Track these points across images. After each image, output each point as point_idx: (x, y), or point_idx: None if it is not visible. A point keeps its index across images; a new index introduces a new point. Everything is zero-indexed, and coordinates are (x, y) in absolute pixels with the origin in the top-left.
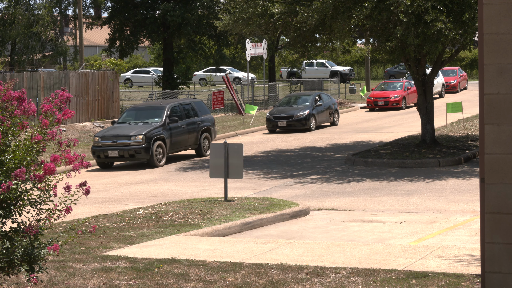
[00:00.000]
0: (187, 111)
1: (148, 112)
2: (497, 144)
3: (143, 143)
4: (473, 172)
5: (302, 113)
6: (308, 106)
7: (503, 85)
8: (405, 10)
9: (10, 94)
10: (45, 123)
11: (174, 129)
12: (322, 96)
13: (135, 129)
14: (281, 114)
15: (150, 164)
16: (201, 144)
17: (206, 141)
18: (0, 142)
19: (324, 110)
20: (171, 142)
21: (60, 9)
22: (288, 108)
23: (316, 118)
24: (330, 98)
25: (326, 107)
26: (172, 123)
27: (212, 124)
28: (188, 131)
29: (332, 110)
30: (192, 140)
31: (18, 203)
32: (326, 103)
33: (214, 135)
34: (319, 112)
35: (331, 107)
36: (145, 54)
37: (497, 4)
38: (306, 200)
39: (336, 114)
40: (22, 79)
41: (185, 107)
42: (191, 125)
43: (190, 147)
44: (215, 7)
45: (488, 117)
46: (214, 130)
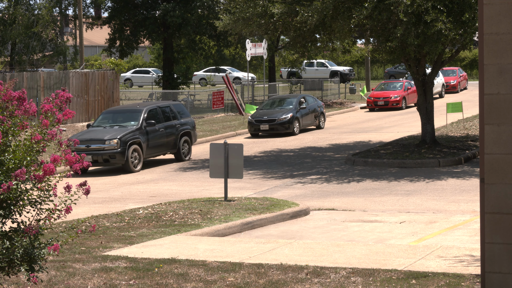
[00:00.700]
0: (166, 114)
1: (124, 115)
2: (497, 144)
3: (118, 148)
4: (473, 172)
5: (285, 116)
6: (292, 109)
7: (503, 85)
8: (405, 10)
9: (11, 94)
10: (46, 123)
11: (151, 132)
12: (307, 98)
13: (110, 133)
14: (263, 117)
15: (125, 170)
16: (180, 148)
17: (185, 145)
18: (0, 142)
19: (309, 113)
20: (148, 146)
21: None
22: (271, 111)
23: (300, 121)
24: (316, 100)
25: (311, 110)
26: (149, 126)
27: (192, 128)
28: (166, 134)
29: (318, 113)
30: (170, 144)
31: (18, 203)
32: (311, 105)
33: (194, 139)
34: (304, 115)
35: (317, 110)
36: (145, 54)
37: (497, 4)
38: (306, 200)
39: (322, 117)
40: (22, 79)
41: (163, 109)
42: (169, 128)
43: (169, 151)
44: (215, 7)
45: (488, 117)
46: (195, 133)
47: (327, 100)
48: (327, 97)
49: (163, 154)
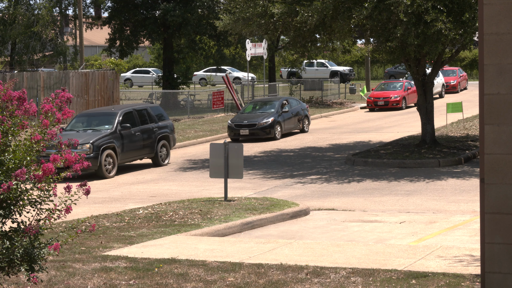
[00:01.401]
0: (143, 117)
1: (99, 118)
2: (497, 144)
3: (91, 153)
4: (473, 172)
5: (266, 120)
6: (273, 112)
7: (503, 85)
8: (405, 10)
9: (11, 94)
10: (46, 123)
11: (127, 137)
12: (290, 101)
13: (82, 137)
14: (243, 121)
15: (98, 176)
16: (158, 153)
17: (164, 149)
18: (0, 142)
19: (291, 116)
20: (123, 151)
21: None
22: (252, 115)
23: (282, 126)
24: (300, 103)
25: (294, 113)
26: (124, 130)
27: (171, 131)
28: (143, 138)
29: (302, 116)
30: (147, 149)
31: (18, 203)
32: (295, 108)
33: (173, 142)
34: (286, 119)
35: (300, 113)
36: (145, 54)
37: (497, 4)
38: (306, 200)
39: (306, 120)
40: (22, 79)
41: (140, 112)
42: (146, 132)
43: (146, 156)
44: (215, 7)
45: (488, 117)
46: (174, 137)
47: (327, 100)
48: (327, 97)
49: (140, 159)
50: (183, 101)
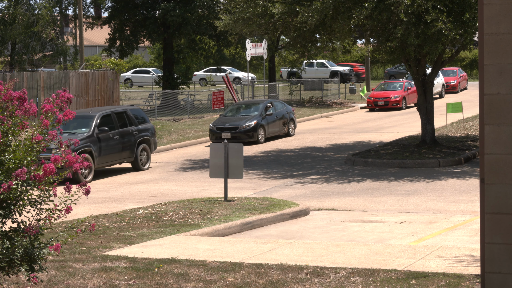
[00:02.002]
0: (122, 120)
1: (76, 121)
2: (497, 144)
3: None
4: (473, 172)
5: (248, 123)
6: (257, 115)
7: (503, 85)
8: (406, 10)
9: (11, 94)
10: (46, 123)
11: (105, 140)
12: (275, 104)
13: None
14: (225, 125)
15: (74, 181)
16: (137, 157)
17: (144, 153)
18: (0, 142)
19: (276, 119)
20: (100, 155)
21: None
22: (234, 118)
23: (265, 129)
24: (285, 105)
25: (279, 116)
26: (102, 133)
27: (151, 135)
28: (122, 142)
29: (287, 120)
30: (127, 153)
31: (18, 203)
32: (279, 111)
33: (154, 146)
34: (270, 122)
35: (286, 116)
36: (145, 54)
37: (497, 4)
38: (306, 200)
39: (292, 123)
40: (22, 79)
41: (119, 115)
42: (126, 135)
43: (125, 160)
44: (215, 7)
45: (488, 117)
46: (154, 141)
47: (327, 100)
48: (327, 97)
49: (119, 163)
50: (183, 101)
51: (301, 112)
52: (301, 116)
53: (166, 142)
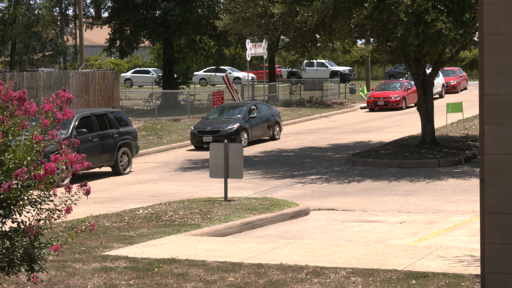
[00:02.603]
0: (102, 122)
1: None
2: (497, 144)
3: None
4: (473, 172)
5: (231, 126)
6: (240, 118)
7: (503, 86)
8: (406, 10)
9: (11, 94)
10: (46, 123)
11: (83, 143)
12: (260, 106)
13: None
14: (206, 128)
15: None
16: (118, 161)
17: (125, 157)
18: (0, 142)
19: (260, 122)
20: None
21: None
22: (216, 121)
23: (249, 133)
24: (270, 108)
25: (263, 119)
26: (80, 135)
27: (133, 138)
28: (101, 145)
29: (272, 123)
30: (107, 156)
31: (18, 203)
32: (264, 114)
33: (135, 150)
34: (254, 125)
35: (271, 119)
36: (145, 54)
37: (497, 4)
38: (306, 200)
39: (277, 126)
40: (22, 79)
41: (99, 117)
42: (106, 138)
43: (105, 163)
44: (215, 7)
45: (488, 117)
46: (136, 144)
47: (327, 100)
48: (327, 97)
49: (98, 167)
50: (183, 101)
51: (301, 112)
52: (301, 116)
53: (166, 142)
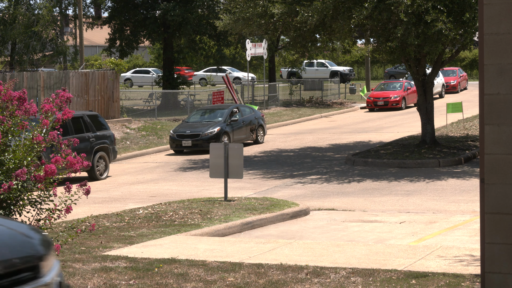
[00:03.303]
0: (78, 125)
1: None
2: (497, 144)
3: None
4: (473, 172)
5: (211, 130)
6: (221, 121)
7: (503, 86)
8: (406, 10)
9: (11, 94)
10: (46, 123)
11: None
12: (242, 109)
13: None
14: (186, 131)
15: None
16: (94, 166)
17: (102, 162)
18: (0, 142)
19: (242, 126)
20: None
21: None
22: (196, 124)
23: (230, 136)
24: (254, 111)
25: (246, 122)
26: None
27: (110, 142)
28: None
29: (255, 126)
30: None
31: (18, 203)
32: (247, 117)
33: (113, 155)
34: (236, 128)
35: (254, 122)
36: (145, 54)
37: (497, 4)
38: (306, 200)
39: (261, 130)
40: (22, 79)
41: (75, 120)
42: (81, 142)
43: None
44: (215, 7)
45: (488, 117)
46: (114, 149)
47: (327, 100)
48: (327, 97)
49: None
50: (183, 101)
51: (301, 112)
52: (301, 116)
53: (166, 142)
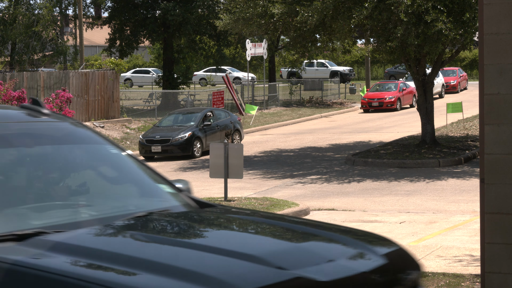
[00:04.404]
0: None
1: None
2: (497, 144)
3: None
4: (473, 172)
5: (182, 135)
6: (193, 126)
7: (503, 85)
8: (406, 10)
9: (10, 94)
10: None
11: None
12: (217, 112)
13: None
14: (155, 136)
15: None
16: None
17: None
18: None
19: (217, 130)
20: None
21: (60, 9)
22: (167, 129)
23: (203, 141)
24: (230, 114)
25: (221, 127)
26: None
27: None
28: None
29: (230, 130)
30: None
31: None
32: (222, 121)
33: None
34: (209, 133)
35: (229, 127)
36: (145, 54)
37: (497, 4)
38: (306, 200)
39: (237, 134)
40: (22, 79)
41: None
42: None
43: None
44: (215, 7)
45: (488, 117)
46: None
47: (327, 100)
48: (327, 97)
49: None
50: (183, 101)
51: (301, 112)
52: (301, 116)
53: None
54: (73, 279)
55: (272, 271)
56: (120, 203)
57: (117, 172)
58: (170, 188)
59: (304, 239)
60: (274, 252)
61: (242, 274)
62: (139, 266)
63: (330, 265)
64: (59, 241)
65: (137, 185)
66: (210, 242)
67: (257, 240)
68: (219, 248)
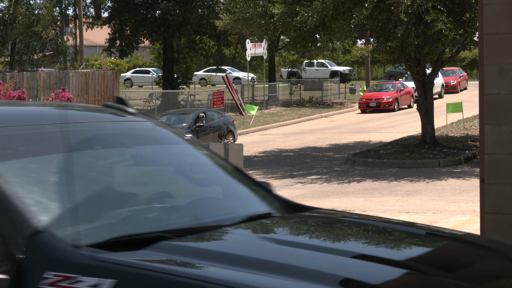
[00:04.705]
0: None
1: None
2: (497, 144)
3: None
4: (473, 172)
5: None
6: (185, 127)
7: (503, 85)
8: (406, 10)
9: (10, 94)
10: None
11: None
12: (210, 114)
13: None
14: None
15: None
16: None
17: None
18: None
19: (209, 132)
20: None
21: (60, 9)
22: None
23: None
24: (223, 116)
25: (214, 128)
26: None
27: None
28: None
29: (224, 132)
30: None
31: None
32: (215, 122)
33: None
34: (202, 135)
35: (222, 128)
36: (145, 54)
37: (497, 4)
38: (306, 200)
39: (230, 136)
40: (22, 79)
41: None
42: None
43: None
44: (215, 7)
45: (488, 117)
46: None
47: (327, 100)
48: (327, 97)
49: None
50: (183, 101)
51: (301, 112)
52: (301, 116)
53: None
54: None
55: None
56: (222, 206)
57: (212, 175)
58: (262, 190)
59: (433, 241)
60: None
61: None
62: (285, 272)
63: (471, 270)
64: (191, 246)
65: (233, 187)
66: (348, 246)
67: (390, 244)
68: (354, 252)
